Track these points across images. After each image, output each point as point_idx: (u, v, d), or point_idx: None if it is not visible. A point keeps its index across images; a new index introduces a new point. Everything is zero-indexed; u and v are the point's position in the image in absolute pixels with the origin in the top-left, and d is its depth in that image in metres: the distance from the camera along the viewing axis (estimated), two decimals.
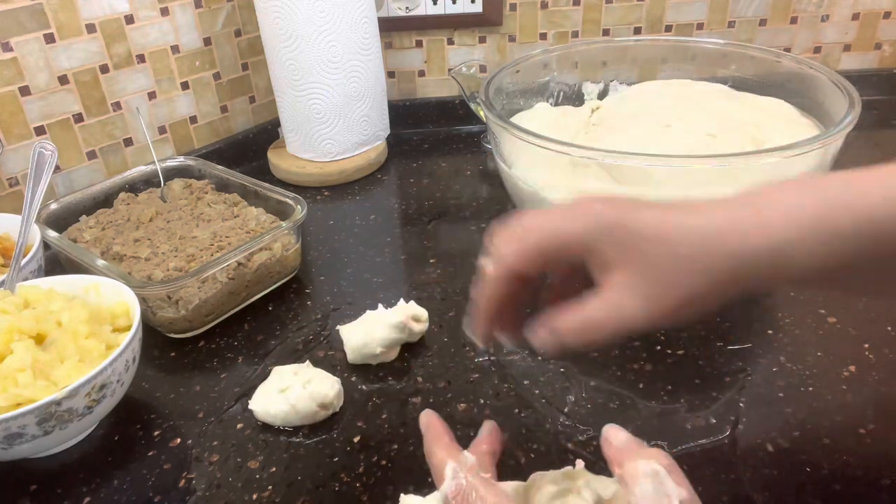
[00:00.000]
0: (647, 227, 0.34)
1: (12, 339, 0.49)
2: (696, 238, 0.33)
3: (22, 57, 0.75)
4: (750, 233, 0.32)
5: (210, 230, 0.70)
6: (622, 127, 0.66)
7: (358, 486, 0.47)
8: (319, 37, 0.82)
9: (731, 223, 0.33)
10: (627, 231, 0.34)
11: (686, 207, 0.34)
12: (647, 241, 0.33)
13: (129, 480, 0.49)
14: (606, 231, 0.34)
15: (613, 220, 0.34)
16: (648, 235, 0.33)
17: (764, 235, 0.32)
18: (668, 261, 0.33)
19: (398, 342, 0.58)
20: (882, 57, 1.05)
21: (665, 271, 0.33)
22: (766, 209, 0.33)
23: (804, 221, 0.32)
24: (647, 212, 0.34)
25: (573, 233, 0.35)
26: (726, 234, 0.33)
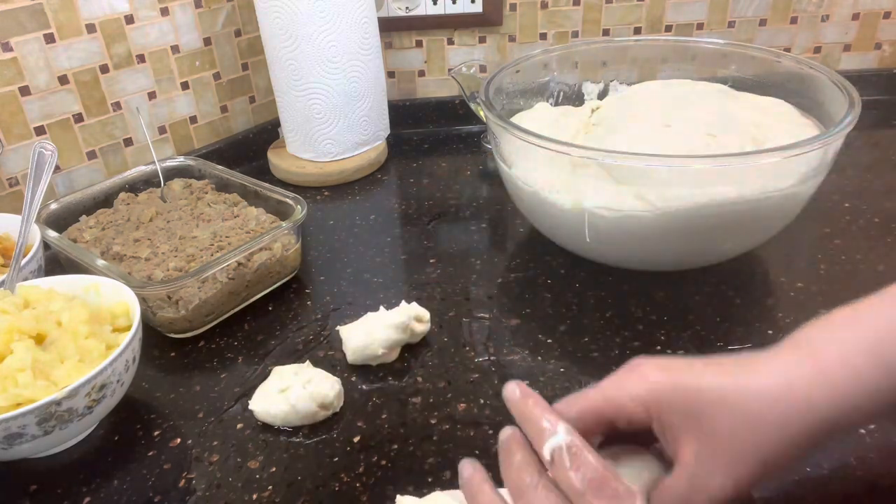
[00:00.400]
0: (709, 394, 0.33)
1: (12, 339, 0.49)
2: (761, 403, 0.32)
3: (22, 57, 0.75)
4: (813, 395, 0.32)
5: (210, 230, 0.70)
6: (622, 127, 0.66)
7: (358, 486, 0.47)
8: (319, 37, 0.82)
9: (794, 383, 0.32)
10: (690, 401, 0.33)
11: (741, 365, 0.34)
12: (712, 411, 0.33)
13: (129, 480, 0.49)
14: (669, 401, 0.34)
15: (671, 388, 0.34)
16: (713, 404, 0.33)
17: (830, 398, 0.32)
18: (737, 428, 0.32)
19: (399, 343, 0.58)
20: (882, 57, 1.05)
21: (735, 440, 0.32)
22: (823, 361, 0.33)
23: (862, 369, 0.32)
24: (704, 376, 0.34)
25: (633, 401, 0.34)
26: (792, 398, 0.32)
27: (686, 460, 0.33)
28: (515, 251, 0.74)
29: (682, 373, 0.34)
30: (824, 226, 0.73)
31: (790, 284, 0.65)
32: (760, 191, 0.56)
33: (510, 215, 0.80)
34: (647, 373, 0.35)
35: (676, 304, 0.63)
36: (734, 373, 0.34)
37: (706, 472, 0.33)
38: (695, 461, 0.33)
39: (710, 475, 0.33)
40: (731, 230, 0.59)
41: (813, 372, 0.32)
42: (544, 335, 0.60)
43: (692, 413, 0.33)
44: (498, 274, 0.70)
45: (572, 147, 0.57)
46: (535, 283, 0.68)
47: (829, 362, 0.33)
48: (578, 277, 0.68)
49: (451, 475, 0.48)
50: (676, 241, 0.59)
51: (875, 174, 0.84)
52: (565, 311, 0.63)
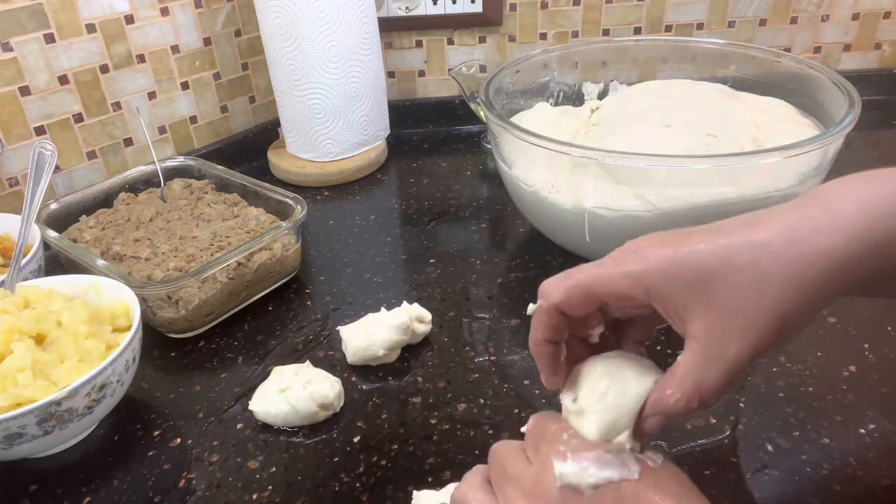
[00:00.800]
0: (710, 257, 0.30)
1: (12, 339, 0.49)
2: (767, 253, 0.29)
3: (22, 57, 0.75)
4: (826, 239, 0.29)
5: (210, 230, 0.70)
6: (622, 127, 0.66)
7: (358, 486, 0.47)
8: (319, 37, 0.82)
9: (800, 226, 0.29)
10: (691, 269, 0.30)
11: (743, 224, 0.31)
12: (716, 274, 0.30)
13: (129, 480, 0.49)
14: (668, 274, 0.31)
15: (670, 261, 0.31)
16: (716, 267, 0.30)
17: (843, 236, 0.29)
18: (746, 286, 0.30)
19: (400, 344, 0.58)
20: (882, 57, 1.05)
21: (746, 299, 0.30)
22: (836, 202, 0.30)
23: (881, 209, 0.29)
24: (702, 242, 0.31)
25: (629, 277, 0.32)
26: (801, 242, 0.29)
27: (697, 334, 0.31)
28: (515, 251, 0.74)
29: (680, 243, 0.31)
30: None
31: None
32: (760, 191, 0.56)
33: (510, 215, 0.80)
34: (643, 249, 0.32)
35: None
36: (736, 232, 0.31)
37: (721, 343, 0.30)
38: (707, 334, 0.30)
39: (725, 345, 0.30)
40: None
41: (824, 216, 0.29)
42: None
43: (698, 283, 0.30)
44: (498, 274, 0.70)
45: (572, 147, 0.57)
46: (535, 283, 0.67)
47: (843, 206, 0.29)
48: None
49: (451, 475, 0.48)
50: None
51: None
52: None
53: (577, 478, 0.31)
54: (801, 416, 0.50)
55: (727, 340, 0.30)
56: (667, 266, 0.31)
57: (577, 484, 0.31)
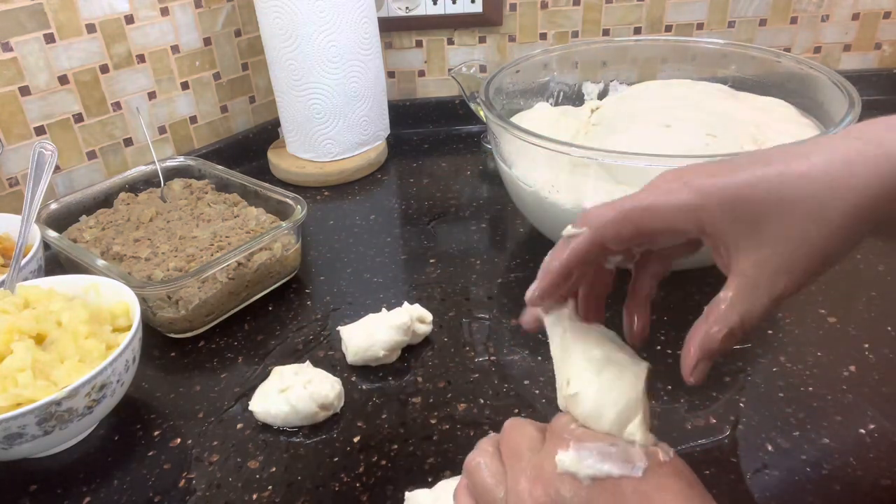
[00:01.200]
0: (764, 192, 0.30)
1: (12, 339, 0.49)
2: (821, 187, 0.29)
3: (22, 57, 0.75)
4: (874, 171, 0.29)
5: (210, 230, 0.70)
6: (622, 127, 0.66)
7: (358, 486, 0.47)
8: (319, 37, 0.82)
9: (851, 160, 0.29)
10: (744, 203, 0.30)
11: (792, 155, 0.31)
12: (769, 209, 0.30)
13: (129, 480, 0.49)
14: (720, 208, 0.30)
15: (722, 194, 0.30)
16: (770, 201, 0.30)
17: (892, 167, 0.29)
18: (799, 221, 0.30)
19: (401, 345, 0.58)
20: (882, 57, 1.05)
21: (798, 235, 0.30)
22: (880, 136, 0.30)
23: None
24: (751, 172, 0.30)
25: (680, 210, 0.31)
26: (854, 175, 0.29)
27: (744, 269, 0.31)
28: (515, 251, 0.74)
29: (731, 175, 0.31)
30: None
31: None
32: None
33: (510, 215, 0.80)
34: (694, 181, 0.31)
35: (676, 304, 0.63)
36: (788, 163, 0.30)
37: (768, 277, 0.30)
38: (755, 269, 0.31)
39: (772, 279, 0.30)
40: None
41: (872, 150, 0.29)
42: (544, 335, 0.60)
43: (748, 216, 0.30)
44: (498, 274, 0.70)
45: (572, 147, 0.57)
46: None
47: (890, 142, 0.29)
48: None
49: (450, 475, 0.48)
50: None
51: None
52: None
53: (575, 467, 0.30)
54: (801, 416, 0.50)
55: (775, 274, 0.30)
56: (721, 199, 0.30)
57: (575, 472, 0.30)
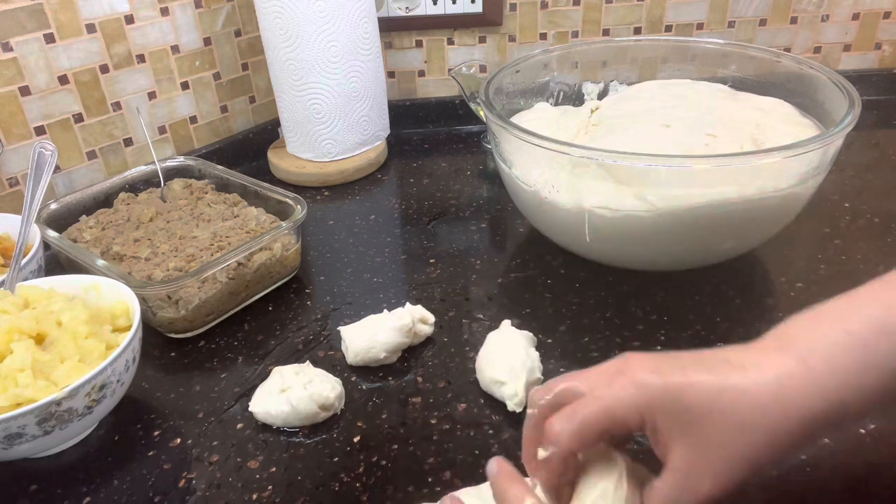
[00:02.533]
0: (699, 398, 0.33)
1: (12, 339, 0.49)
2: (751, 406, 0.33)
3: (22, 57, 0.75)
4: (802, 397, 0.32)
5: (210, 230, 0.70)
6: (622, 127, 0.66)
7: (358, 486, 0.47)
8: (319, 37, 0.82)
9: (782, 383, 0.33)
10: (680, 405, 0.33)
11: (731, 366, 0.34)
12: (702, 415, 0.33)
13: (129, 480, 0.49)
14: (660, 406, 0.34)
15: (662, 393, 0.34)
16: (703, 408, 0.33)
17: (818, 396, 0.32)
18: (727, 432, 0.33)
19: (402, 346, 0.58)
20: (882, 57, 1.05)
21: (725, 444, 0.33)
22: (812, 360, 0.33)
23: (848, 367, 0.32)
24: (691, 376, 0.34)
25: (625, 408, 0.34)
26: (781, 399, 0.32)
27: (677, 465, 0.34)
28: (515, 251, 0.74)
29: (672, 374, 0.34)
30: (824, 226, 0.73)
31: (790, 284, 0.65)
32: (760, 191, 0.56)
33: (510, 215, 0.80)
34: (637, 376, 0.35)
35: (676, 304, 0.63)
36: (724, 375, 0.34)
37: (697, 476, 0.33)
38: (685, 466, 0.34)
39: (700, 479, 0.33)
40: (731, 230, 0.59)
41: (801, 373, 0.33)
42: (544, 335, 0.60)
43: (683, 418, 0.33)
44: (498, 274, 0.70)
45: (572, 147, 0.57)
46: (535, 283, 0.68)
47: (818, 365, 0.33)
48: (578, 277, 0.68)
49: (450, 475, 0.48)
50: (676, 241, 0.59)
51: (875, 174, 0.84)
52: (565, 311, 0.63)
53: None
54: None
55: (702, 476, 0.33)
56: (662, 398, 0.34)
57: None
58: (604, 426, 0.35)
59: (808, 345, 0.34)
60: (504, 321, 0.59)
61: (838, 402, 0.32)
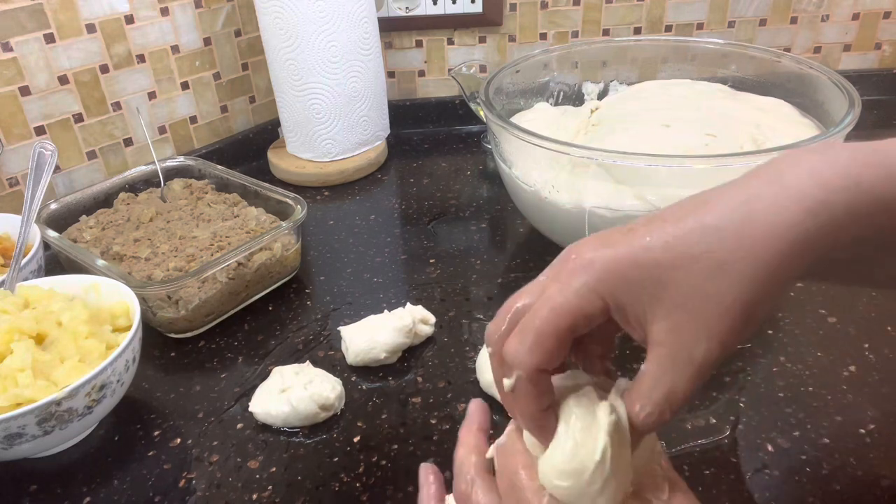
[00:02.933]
0: (661, 253, 0.28)
1: (12, 339, 0.49)
2: (721, 238, 0.27)
3: (22, 57, 0.75)
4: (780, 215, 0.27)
5: (210, 230, 0.70)
6: (622, 127, 0.66)
7: (358, 486, 0.47)
8: (319, 37, 0.82)
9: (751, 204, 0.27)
10: (642, 269, 0.28)
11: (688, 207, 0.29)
12: (669, 270, 0.27)
13: (129, 480, 0.49)
14: (619, 278, 0.28)
15: (617, 263, 0.28)
16: (669, 263, 0.27)
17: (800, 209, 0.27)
18: (704, 278, 0.27)
19: (403, 347, 0.58)
20: (882, 57, 1.05)
21: (707, 293, 0.27)
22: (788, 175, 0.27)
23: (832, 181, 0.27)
24: (648, 235, 0.28)
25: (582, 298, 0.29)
26: (754, 221, 0.27)
27: (660, 339, 0.28)
28: (515, 251, 0.74)
29: (625, 241, 0.29)
30: None
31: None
32: None
33: (510, 215, 0.80)
34: (584, 256, 0.29)
35: None
36: (683, 218, 0.28)
37: (687, 344, 0.28)
38: (670, 336, 0.28)
39: (691, 345, 0.28)
40: None
41: (777, 191, 0.27)
42: None
43: (652, 282, 0.28)
44: (498, 274, 0.70)
45: (572, 147, 0.57)
46: None
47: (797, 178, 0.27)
48: None
49: (450, 475, 0.48)
50: None
51: None
52: None
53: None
54: (801, 416, 0.50)
55: (693, 339, 0.27)
56: (616, 268, 0.28)
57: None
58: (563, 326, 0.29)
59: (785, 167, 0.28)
60: None
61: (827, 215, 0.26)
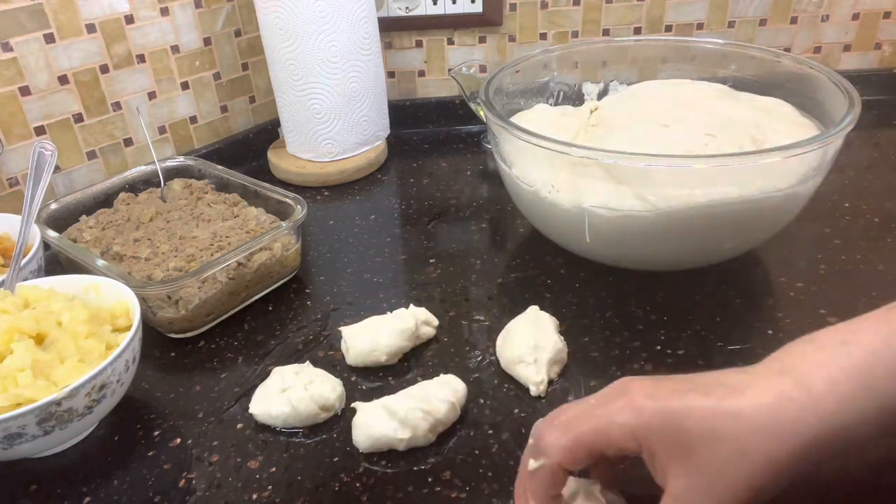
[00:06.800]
0: (697, 423, 0.33)
1: (12, 339, 0.49)
2: (749, 430, 0.32)
3: (22, 57, 0.75)
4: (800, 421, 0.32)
5: (210, 230, 0.70)
6: (622, 127, 0.66)
7: (358, 486, 0.47)
8: (319, 37, 0.82)
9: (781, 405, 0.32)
10: (678, 430, 0.33)
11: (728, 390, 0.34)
12: (700, 440, 0.33)
13: (129, 480, 0.49)
14: (657, 431, 0.34)
15: (659, 417, 0.34)
16: (701, 433, 0.33)
17: (816, 418, 0.32)
18: (726, 457, 0.32)
19: (404, 350, 0.58)
20: (882, 57, 1.05)
21: (725, 470, 0.32)
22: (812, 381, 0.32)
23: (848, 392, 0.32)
24: (688, 401, 0.33)
25: (621, 430, 0.34)
26: (780, 422, 0.32)
27: (675, 492, 0.33)
28: (515, 251, 0.74)
29: (669, 399, 0.34)
30: (824, 226, 0.73)
31: (790, 284, 0.65)
32: (760, 191, 0.56)
33: (510, 215, 0.80)
34: (635, 400, 0.35)
35: (676, 304, 0.63)
36: (720, 399, 0.33)
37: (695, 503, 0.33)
38: (684, 492, 0.33)
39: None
40: (731, 230, 0.59)
41: (800, 397, 0.32)
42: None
43: (681, 443, 0.33)
44: (498, 274, 0.70)
45: (572, 147, 0.57)
46: (535, 283, 0.68)
47: (816, 387, 0.32)
48: (578, 277, 0.68)
49: (450, 475, 0.48)
50: (676, 241, 0.59)
51: (875, 174, 0.84)
52: (565, 311, 0.63)
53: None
54: None
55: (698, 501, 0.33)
56: (659, 423, 0.34)
57: None
58: (597, 445, 0.35)
59: (808, 368, 0.33)
60: (531, 306, 0.60)
61: (838, 426, 0.32)
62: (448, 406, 0.50)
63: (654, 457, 0.34)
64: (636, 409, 0.34)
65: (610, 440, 0.35)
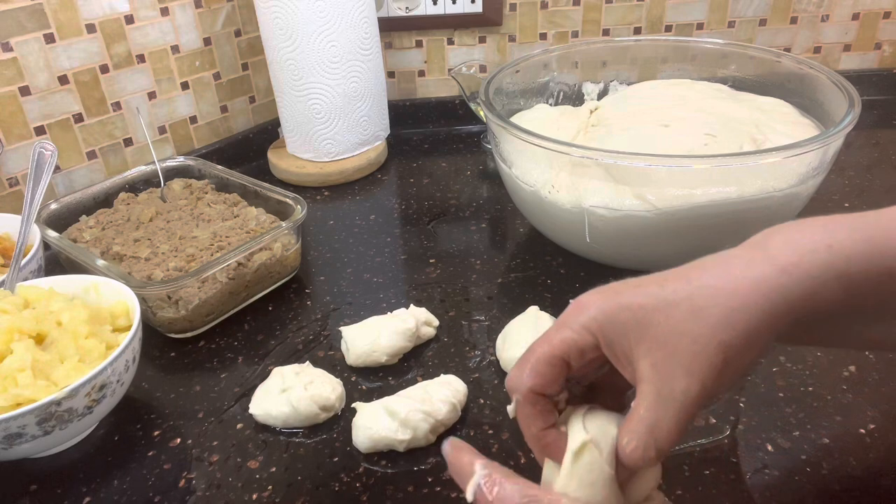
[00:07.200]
0: (647, 297, 0.32)
1: (12, 339, 0.49)
2: (700, 287, 0.31)
3: (22, 57, 0.75)
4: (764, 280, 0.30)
5: (210, 230, 0.70)
6: (622, 127, 0.66)
7: (358, 486, 0.47)
8: (319, 37, 0.82)
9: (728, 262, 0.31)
10: (630, 309, 0.31)
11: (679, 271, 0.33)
12: (654, 312, 0.31)
13: (129, 480, 0.49)
14: (609, 315, 0.32)
15: (607, 305, 0.32)
16: (654, 305, 0.31)
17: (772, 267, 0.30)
18: (681, 318, 0.30)
19: (404, 350, 0.58)
20: (882, 57, 1.05)
21: (683, 330, 0.30)
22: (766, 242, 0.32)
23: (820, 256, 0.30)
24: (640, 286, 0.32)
25: (575, 333, 0.33)
26: (731, 273, 0.31)
27: (645, 375, 0.31)
28: (515, 251, 0.74)
29: (618, 291, 0.33)
30: None
31: None
32: (760, 191, 0.56)
33: (510, 215, 0.80)
34: (583, 301, 0.33)
35: None
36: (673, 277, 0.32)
37: (668, 380, 0.30)
38: (653, 372, 0.31)
39: (672, 381, 0.30)
40: (730, 230, 0.59)
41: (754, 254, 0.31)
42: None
43: (637, 323, 0.31)
44: (498, 274, 0.70)
45: (572, 147, 0.57)
46: (535, 283, 0.68)
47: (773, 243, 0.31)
48: (578, 277, 0.68)
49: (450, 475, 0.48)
50: (676, 241, 0.59)
51: (875, 174, 0.84)
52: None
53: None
54: (801, 416, 0.50)
55: (673, 376, 0.30)
56: (607, 309, 0.32)
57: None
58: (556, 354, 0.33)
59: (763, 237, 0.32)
60: (531, 307, 0.59)
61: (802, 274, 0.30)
62: (449, 407, 0.50)
63: (614, 345, 0.32)
64: (583, 306, 0.33)
65: (567, 344, 0.33)
